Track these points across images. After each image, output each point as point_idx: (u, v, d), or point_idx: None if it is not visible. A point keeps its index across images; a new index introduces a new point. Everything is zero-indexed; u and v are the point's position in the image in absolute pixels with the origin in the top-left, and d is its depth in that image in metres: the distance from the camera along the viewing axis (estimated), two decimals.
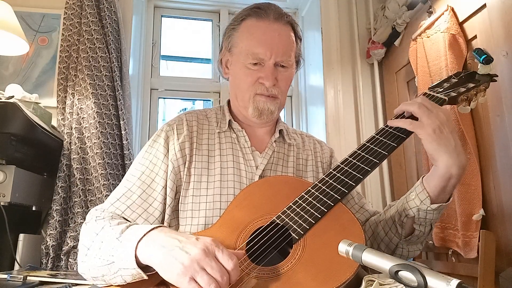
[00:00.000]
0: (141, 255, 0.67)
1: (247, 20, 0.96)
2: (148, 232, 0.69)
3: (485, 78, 0.91)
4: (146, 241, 0.68)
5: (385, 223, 0.89)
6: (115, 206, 0.85)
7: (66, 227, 1.73)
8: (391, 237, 0.87)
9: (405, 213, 0.81)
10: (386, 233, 0.88)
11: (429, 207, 0.78)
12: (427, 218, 0.80)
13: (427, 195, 0.78)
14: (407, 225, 0.83)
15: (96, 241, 0.75)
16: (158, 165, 0.90)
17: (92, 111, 1.82)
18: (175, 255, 0.63)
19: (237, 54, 0.96)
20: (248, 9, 0.98)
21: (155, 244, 0.67)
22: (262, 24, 0.94)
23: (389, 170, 2.11)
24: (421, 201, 0.78)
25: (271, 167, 0.97)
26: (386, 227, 0.88)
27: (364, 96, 2.21)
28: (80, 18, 1.95)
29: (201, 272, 0.61)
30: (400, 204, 0.84)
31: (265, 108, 0.94)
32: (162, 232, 0.69)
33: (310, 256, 0.68)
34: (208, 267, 0.61)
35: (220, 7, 2.53)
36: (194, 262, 0.61)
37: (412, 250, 0.87)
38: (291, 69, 0.97)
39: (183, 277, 0.61)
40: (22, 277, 1.16)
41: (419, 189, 0.80)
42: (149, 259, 0.66)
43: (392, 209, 0.88)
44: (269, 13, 0.94)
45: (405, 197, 0.84)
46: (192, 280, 0.61)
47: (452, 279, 0.43)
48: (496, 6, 1.39)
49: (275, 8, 0.96)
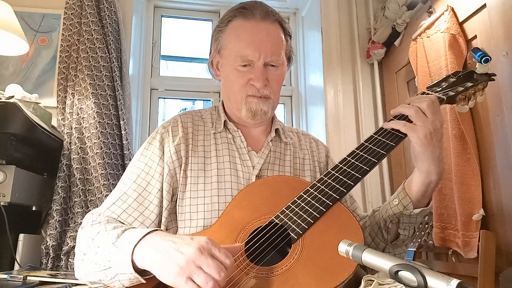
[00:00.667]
0: (137, 260, 0.67)
1: (234, 21, 0.95)
2: (143, 236, 0.69)
3: (483, 77, 0.91)
4: (142, 245, 0.68)
5: (371, 229, 0.91)
6: (111, 210, 0.84)
7: (66, 227, 1.73)
8: (377, 242, 0.89)
9: (390, 219, 0.84)
10: (372, 238, 0.90)
11: (412, 212, 0.81)
12: (410, 223, 0.83)
13: (410, 201, 0.81)
14: (392, 230, 0.86)
15: (92, 246, 0.75)
16: (153, 168, 0.89)
17: (92, 111, 1.82)
18: (171, 256, 0.63)
19: (227, 56, 0.96)
20: (234, 9, 0.97)
21: (151, 248, 0.67)
22: (249, 25, 0.92)
23: (389, 169, 2.11)
24: (404, 207, 0.81)
25: (268, 166, 0.96)
26: (373, 233, 0.90)
27: (364, 96, 2.21)
28: (80, 18, 1.95)
29: (197, 271, 0.61)
30: (384, 211, 0.86)
31: (258, 109, 0.94)
32: (158, 235, 0.69)
33: (309, 256, 0.68)
34: (204, 265, 0.61)
35: (220, 7, 2.53)
36: (190, 262, 0.61)
37: (398, 253, 0.90)
38: (282, 67, 0.96)
39: (180, 277, 0.61)
40: (22, 277, 1.16)
41: (401, 195, 0.83)
42: (146, 263, 0.66)
43: (377, 215, 0.89)
44: (255, 12, 0.93)
45: (388, 203, 0.86)
46: (189, 280, 0.61)
47: (452, 279, 0.42)
48: (496, 6, 1.39)
49: (261, 6, 0.95)
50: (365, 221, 0.95)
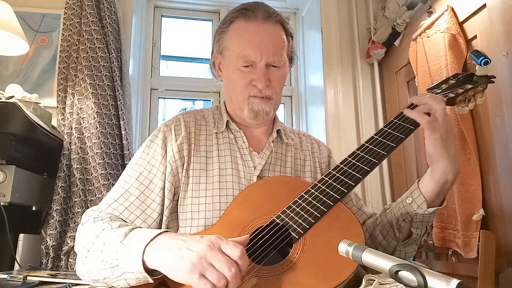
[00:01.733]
0: (148, 260, 0.67)
1: (236, 22, 0.95)
2: (154, 237, 0.69)
3: (483, 79, 0.91)
4: (153, 246, 0.68)
5: (382, 227, 0.90)
6: (112, 207, 0.84)
7: (66, 227, 1.73)
8: (389, 240, 0.89)
9: (403, 217, 0.84)
10: (384, 236, 0.90)
11: (426, 211, 0.81)
12: (423, 221, 0.84)
13: (424, 200, 0.81)
14: (405, 229, 0.86)
15: (97, 243, 0.75)
16: (156, 166, 0.89)
17: (92, 111, 1.82)
18: (182, 254, 0.63)
19: (228, 57, 0.96)
20: (236, 10, 0.97)
21: (161, 248, 0.67)
22: (251, 26, 0.93)
23: (389, 170, 2.11)
24: (418, 206, 0.82)
25: (269, 167, 0.97)
26: (384, 231, 0.90)
27: (364, 96, 2.21)
28: (80, 18, 1.95)
29: (209, 268, 0.61)
30: (397, 209, 0.86)
31: (260, 109, 0.94)
32: (168, 236, 0.70)
33: (310, 255, 0.69)
34: (215, 260, 0.61)
35: (220, 7, 2.53)
36: (201, 259, 0.61)
37: (409, 252, 0.90)
38: (284, 68, 0.97)
39: (192, 274, 0.61)
40: (22, 277, 1.16)
41: (415, 194, 0.83)
42: (157, 263, 0.66)
43: (389, 213, 0.90)
44: (257, 13, 0.93)
45: (401, 201, 0.86)
46: (201, 276, 0.61)
47: (452, 279, 0.43)
48: (496, 6, 1.39)
49: (263, 7, 0.95)
50: (375, 218, 0.95)
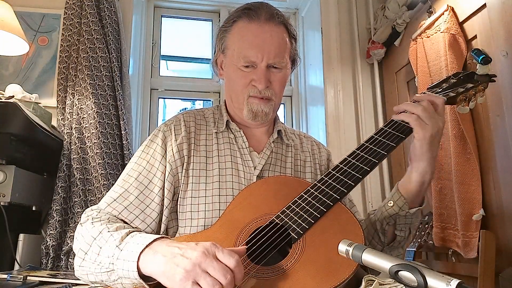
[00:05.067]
0: (143, 267, 0.67)
1: (239, 22, 0.95)
2: (150, 243, 0.69)
3: (483, 78, 0.91)
4: (148, 253, 0.67)
5: (367, 233, 0.91)
6: (112, 206, 0.84)
7: (66, 227, 1.73)
8: (374, 245, 0.90)
9: (386, 221, 0.85)
10: (369, 241, 0.90)
11: (408, 212, 0.83)
12: (406, 223, 0.84)
13: (405, 201, 0.82)
14: (389, 232, 0.87)
15: (94, 245, 0.75)
16: (155, 166, 0.89)
17: (92, 111, 1.82)
18: (177, 261, 0.63)
19: (230, 56, 0.96)
20: (239, 10, 0.97)
21: (156, 255, 0.66)
22: (253, 26, 0.93)
23: (389, 169, 2.11)
24: (400, 208, 0.83)
25: (269, 167, 0.96)
26: (369, 236, 0.90)
27: (364, 96, 2.21)
28: (80, 18, 1.95)
29: (203, 275, 0.60)
30: (380, 213, 0.87)
31: (259, 110, 0.94)
32: (164, 242, 0.69)
33: (309, 255, 0.68)
34: (210, 268, 0.61)
35: (220, 7, 2.54)
36: (195, 266, 0.61)
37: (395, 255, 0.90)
38: (285, 70, 0.96)
39: (186, 281, 0.61)
40: (22, 277, 1.16)
41: (396, 196, 0.84)
42: (151, 270, 0.66)
43: (372, 218, 0.90)
44: (260, 14, 0.93)
45: (383, 205, 0.87)
46: (195, 283, 0.60)
47: (452, 279, 0.42)
48: (496, 6, 1.39)
49: (267, 8, 0.95)
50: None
